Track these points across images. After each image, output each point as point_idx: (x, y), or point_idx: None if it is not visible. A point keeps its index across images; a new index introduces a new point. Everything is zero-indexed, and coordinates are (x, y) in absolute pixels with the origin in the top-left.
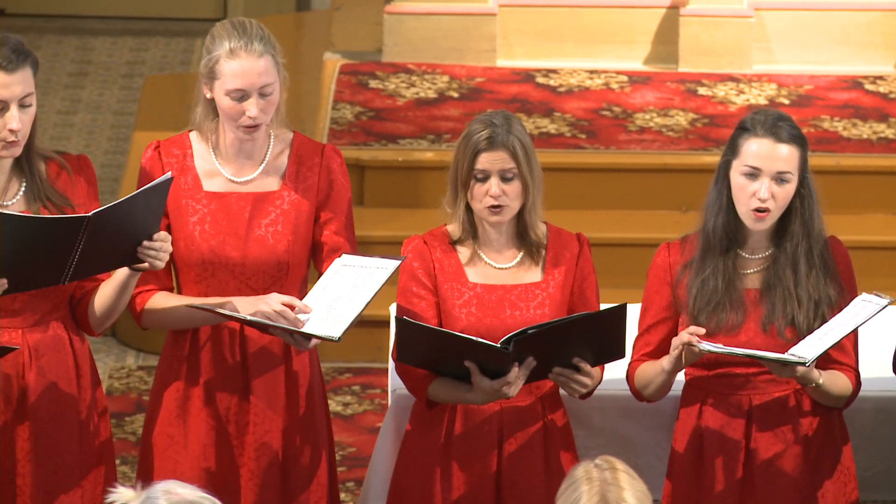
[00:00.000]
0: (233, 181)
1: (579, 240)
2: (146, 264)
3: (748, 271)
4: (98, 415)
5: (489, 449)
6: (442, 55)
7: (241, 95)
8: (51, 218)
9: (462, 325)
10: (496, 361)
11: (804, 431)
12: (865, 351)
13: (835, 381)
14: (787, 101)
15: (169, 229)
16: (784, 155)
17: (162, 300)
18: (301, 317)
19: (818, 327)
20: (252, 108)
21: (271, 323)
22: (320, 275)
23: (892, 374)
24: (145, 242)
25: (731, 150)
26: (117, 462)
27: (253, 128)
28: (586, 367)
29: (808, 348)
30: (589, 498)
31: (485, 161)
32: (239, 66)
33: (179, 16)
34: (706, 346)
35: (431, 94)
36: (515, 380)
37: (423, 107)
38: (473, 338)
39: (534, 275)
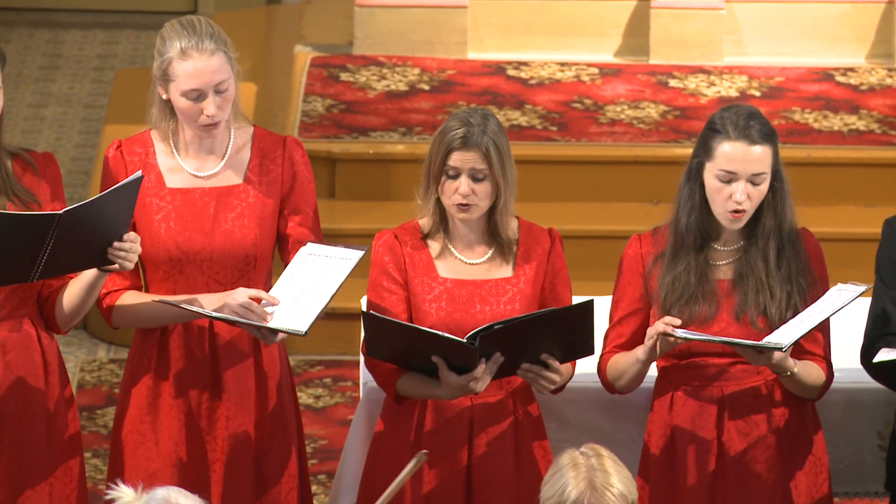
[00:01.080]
0: (196, 176)
1: (551, 235)
2: (116, 265)
3: (720, 262)
4: (66, 411)
5: (459, 444)
6: (413, 48)
7: (198, 95)
8: (22, 214)
9: (432, 319)
10: (463, 357)
11: (776, 422)
12: (836, 343)
13: (808, 370)
14: (757, 94)
15: (134, 228)
16: (758, 156)
17: (131, 298)
18: (269, 309)
19: (790, 317)
20: (210, 106)
21: (238, 319)
22: (286, 266)
23: (862, 366)
24: (115, 243)
25: (704, 152)
26: (89, 455)
27: (212, 126)
28: (554, 363)
29: (784, 335)
30: (576, 484)
31: (457, 159)
32: (192, 67)
33: (150, 9)
34: (682, 333)
35: (402, 87)
36: (482, 375)
37: (394, 99)
38: (440, 333)
39: (504, 270)
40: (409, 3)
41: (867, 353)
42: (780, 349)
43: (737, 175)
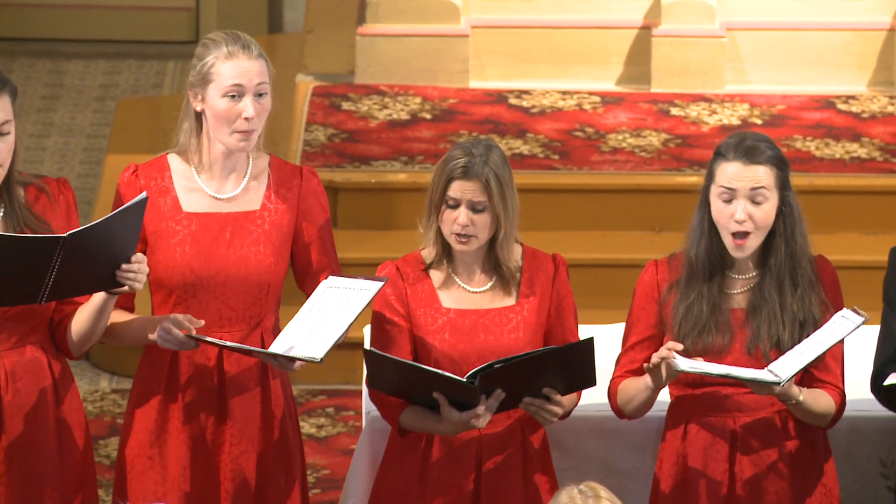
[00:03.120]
0: (215, 198)
1: (555, 261)
2: (125, 287)
3: (735, 291)
4: (79, 440)
5: (466, 473)
6: (414, 76)
7: (239, 92)
8: (26, 237)
9: (436, 350)
10: (464, 394)
11: (789, 453)
12: None
13: (816, 398)
14: (759, 121)
15: (146, 254)
16: (756, 174)
17: (114, 318)
18: (287, 338)
19: (804, 340)
20: (248, 108)
21: (254, 349)
22: (307, 296)
23: (868, 395)
24: (123, 265)
25: (709, 176)
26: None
27: (247, 133)
28: (556, 396)
29: (785, 366)
30: None
31: (457, 189)
32: (237, 65)
33: (152, 38)
34: (681, 363)
35: (404, 116)
36: (484, 412)
37: (396, 128)
38: (439, 371)
39: (508, 299)
40: (411, 32)
41: (878, 380)
42: (777, 384)
43: (735, 192)
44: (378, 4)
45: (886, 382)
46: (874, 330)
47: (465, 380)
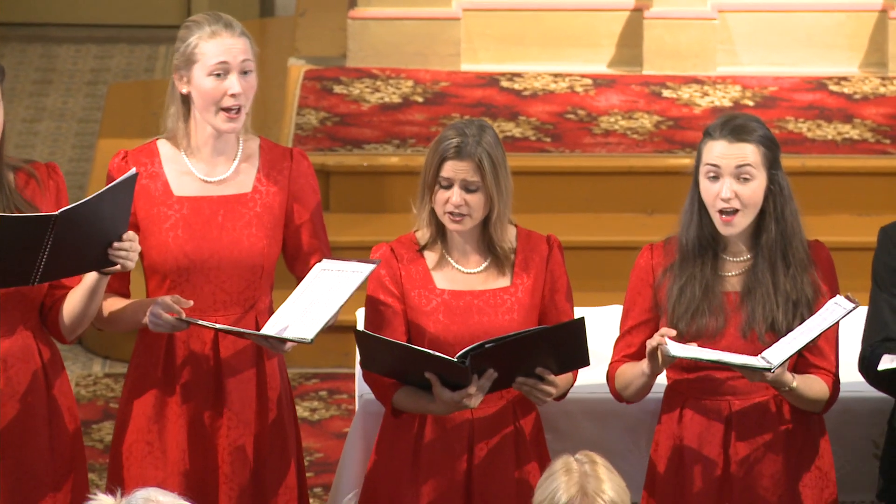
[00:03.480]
0: (205, 181)
1: (549, 242)
2: (117, 266)
3: (729, 274)
4: (70, 425)
5: (459, 455)
6: (406, 60)
7: (224, 70)
8: (17, 216)
9: (430, 332)
10: (455, 374)
11: (784, 437)
12: None
13: (809, 385)
14: (751, 103)
15: (138, 235)
16: (741, 151)
17: (109, 305)
18: (279, 320)
19: (797, 327)
20: (234, 84)
21: (245, 330)
22: (297, 279)
23: (858, 376)
24: (115, 243)
25: (698, 157)
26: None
27: (234, 112)
28: (550, 376)
29: (777, 353)
30: (567, 488)
31: (450, 169)
32: (221, 42)
33: (143, 23)
34: (673, 349)
35: (396, 99)
36: (476, 392)
37: (388, 112)
38: (430, 351)
39: (502, 279)
40: (403, 16)
41: (867, 361)
42: (768, 370)
43: (720, 170)
44: None
45: (880, 367)
46: (862, 312)
47: (455, 359)
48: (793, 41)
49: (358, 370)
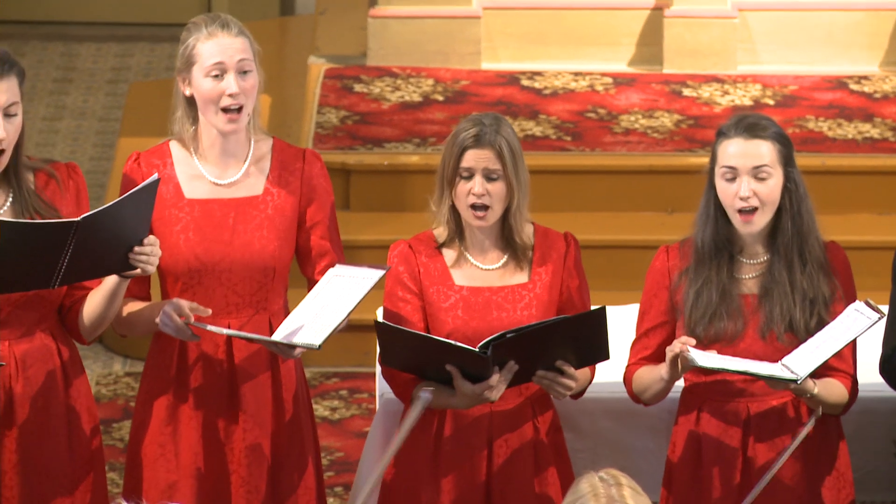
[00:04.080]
0: (216, 184)
1: (566, 239)
2: (138, 270)
3: (746, 276)
4: (88, 425)
5: (478, 451)
6: (426, 58)
7: (221, 70)
8: (40, 223)
9: (449, 328)
10: (477, 366)
11: (803, 440)
12: None
13: (830, 390)
14: (771, 102)
15: None
16: (758, 150)
17: (128, 308)
18: (290, 324)
19: (814, 326)
20: (231, 84)
21: (255, 336)
22: (308, 280)
23: (878, 377)
24: (136, 248)
25: (713, 158)
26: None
27: (235, 112)
28: (570, 369)
29: (800, 363)
30: None
31: (470, 158)
32: (217, 43)
33: (164, 21)
34: (696, 357)
35: (416, 98)
36: (497, 384)
37: (408, 110)
38: (451, 342)
39: (520, 276)
40: (423, 14)
41: (887, 362)
42: (794, 381)
43: (738, 170)
44: None
45: None
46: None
47: (477, 349)
48: (813, 40)
49: (378, 369)
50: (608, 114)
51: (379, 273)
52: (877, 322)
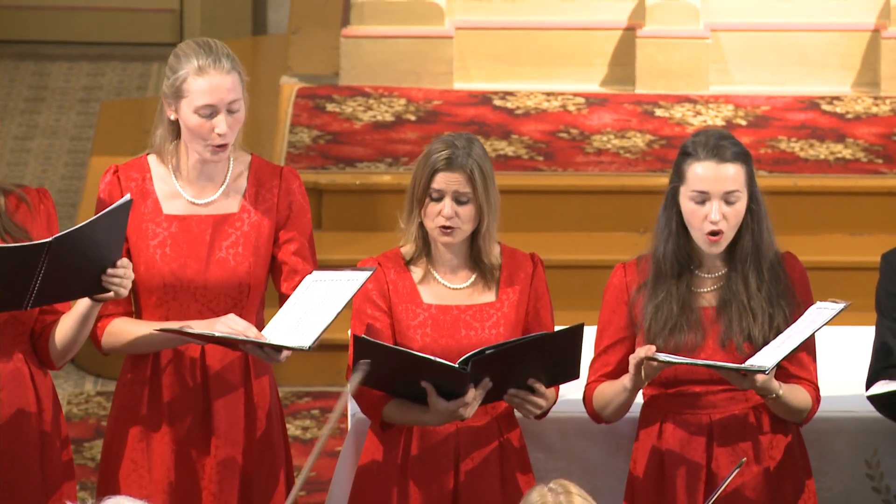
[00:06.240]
0: (193, 203)
1: (533, 259)
2: (111, 293)
3: (704, 290)
4: (60, 449)
5: (446, 469)
6: (399, 78)
7: (211, 112)
8: (10, 246)
9: (417, 346)
10: (453, 382)
11: (764, 449)
12: (823, 371)
13: (794, 394)
14: (744, 122)
15: (129, 254)
16: (730, 175)
17: (122, 325)
18: (271, 332)
19: (773, 338)
20: (221, 124)
21: (241, 338)
22: (281, 295)
23: (852, 395)
24: (109, 270)
25: (678, 177)
26: (77, 488)
27: (221, 147)
28: (541, 387)
29: (767, 357)
30: None
31: (441, 181)
32: (208, 83)
33: (136, 41)
34: (664, 357)
35: (388, 118)
36: (472, 401)
37: (381, 130)
38: (432, 357)
39: (488, 295)
40: (395, 34)
41: (872, 390)
42: (762, 371)
43: (709, 194)
44: (362, 6)
45: (869, 393)
46: (854, 331)
47: (457, 366)
48: (785, 60)
49: (349, 386)
50: (580, 134)
51: (365, 274)
52: (841, 311)
